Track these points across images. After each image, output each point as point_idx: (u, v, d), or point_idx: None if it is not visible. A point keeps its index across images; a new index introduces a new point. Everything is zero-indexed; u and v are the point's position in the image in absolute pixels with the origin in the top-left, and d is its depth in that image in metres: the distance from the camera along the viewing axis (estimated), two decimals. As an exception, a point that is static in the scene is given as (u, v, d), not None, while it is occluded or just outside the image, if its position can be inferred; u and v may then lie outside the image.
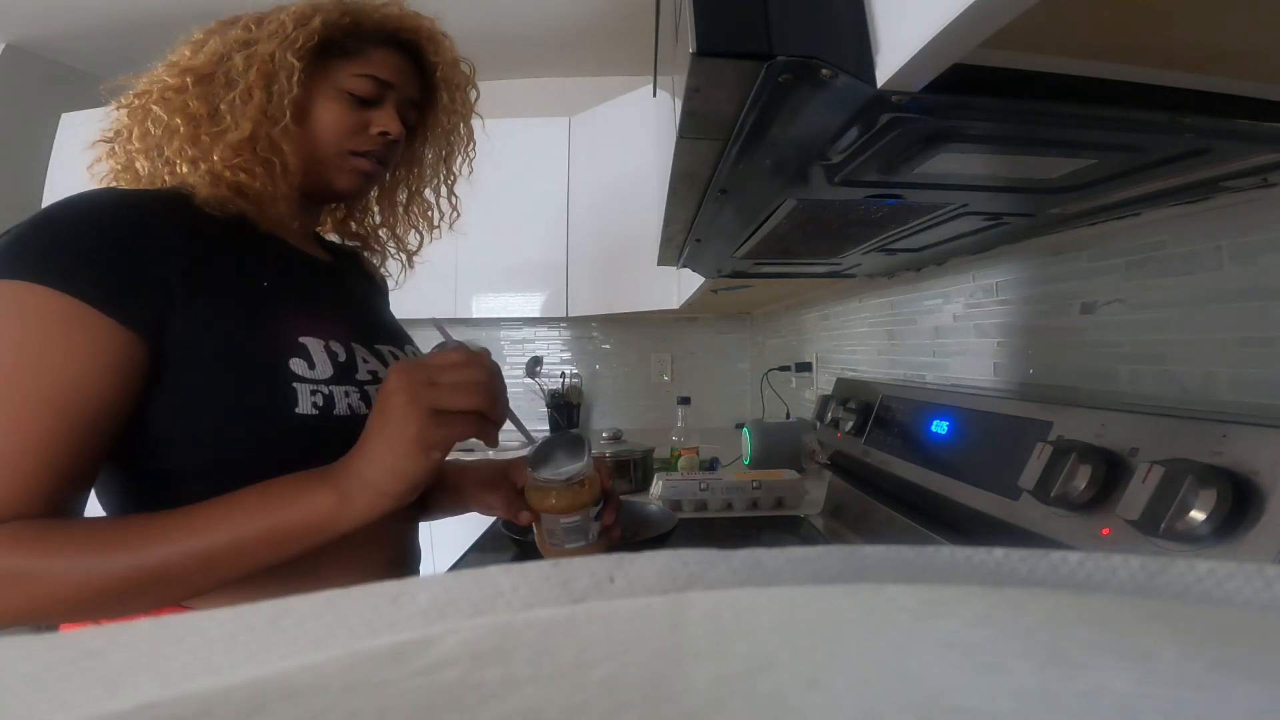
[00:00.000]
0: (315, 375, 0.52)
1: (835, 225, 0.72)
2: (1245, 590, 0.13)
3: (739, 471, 1.30)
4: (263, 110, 0.54)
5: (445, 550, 1.99)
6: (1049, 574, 0.14)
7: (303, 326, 0.53)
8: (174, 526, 0.43)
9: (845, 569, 0.14)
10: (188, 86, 0.54)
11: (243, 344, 0.50)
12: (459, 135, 0.71)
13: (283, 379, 0.50)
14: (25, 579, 0.40)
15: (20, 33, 2.09)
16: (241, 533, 0.43)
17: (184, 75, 0.54)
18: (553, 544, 0.59)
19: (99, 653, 0.12)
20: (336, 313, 0.60)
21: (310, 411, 0.50)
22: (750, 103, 0.38)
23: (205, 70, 0.54)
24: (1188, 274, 0.63)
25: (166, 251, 0.48)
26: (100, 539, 0.42)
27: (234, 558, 0.43)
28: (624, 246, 2.04)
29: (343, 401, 0.53)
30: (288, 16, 0.56)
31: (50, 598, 0.41)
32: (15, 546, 0.41)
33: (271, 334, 0.52)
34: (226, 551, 0.43)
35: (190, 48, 0.57)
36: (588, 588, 0.14)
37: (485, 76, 0.72)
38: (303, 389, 0.51)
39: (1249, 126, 0.40)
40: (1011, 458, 0.63)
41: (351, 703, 0.10)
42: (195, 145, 0.53)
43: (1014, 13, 0.27)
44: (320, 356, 0.53)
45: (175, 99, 0.54)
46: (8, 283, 0.43)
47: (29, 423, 0.42)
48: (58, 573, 0.41)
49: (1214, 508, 0.41)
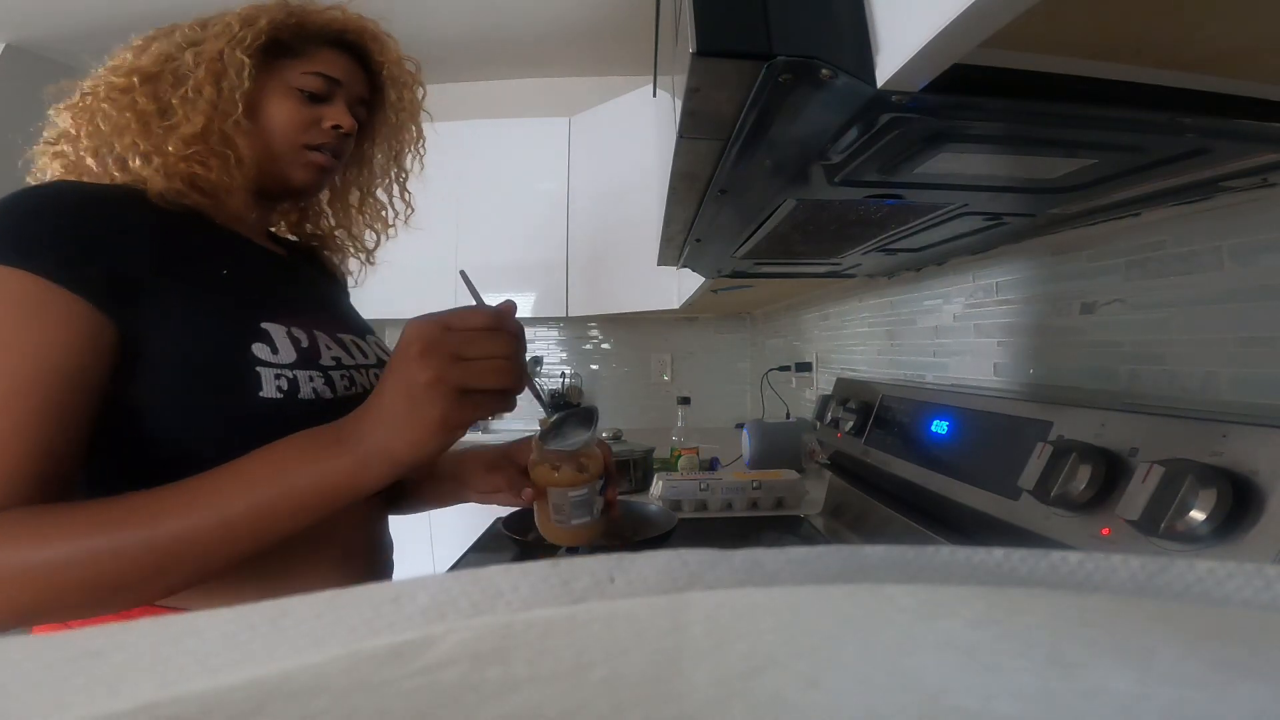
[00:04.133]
0: (278, 360, 0.52)
1: (835, 225, 0.72)
2: (1245, 590, 0.13)
3: (739, 471, 1.30)
4: (214, 105, 0.55)
5: (445, 550, 1.99)
6: (1049, 574, 0.14)
7: (264, 313, 0.53)
8: (186, 498, 0.42)
9: (845, 569, 0.14)
10: (135, 85, 0.54)
11: (205, 330, 0.50)
12: (409, 133, 0.72)
13: (246, 363, 0.50)
14: (26, 573, 0.39)
15: (20, 33, 2.09)
16: (260, 498, 0.42)
17: (130, 75, 0.55)
18: (558, 520, 0.59)
19: (99, 653, 0.12)
20: (296, 301, 0.61)
21: (274, 395, 0.50)
22: (750, 103, 0.38)
23: (152, 70, 0.55)
24: (1188, 274, 0.63)
25: (129, 237, 0.48)
26: (103, 519, 0.41)
27: (252, 525, 0.42)
28: (624, 246, 2.04)
29: (307, 386, 0.53)
30: (234, 18, 0.57)
31: (56, 589, 0.39)
32: (8, 539, 0.39)
33: (233, 320, 0.52)
34: (244, 519, 0.42)
35: (133, 52, 0.57)
36: (588, 588, 0.14)
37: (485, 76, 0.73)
38: (266, 373, 0.50)
39: (1249, 126, 0.40)
40: (1011, 458, 0.63)
41: (351, 703, 0.10)
42: (148, 139, 0.54)
43: (1014, 13, 0.27)
44: (283, 342, 0.53)
45: (123, 98, 0.54)
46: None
47: (11, 403, 0.41)
48: (61, 561, 0.39)
49: (1214, 508, 0.41)
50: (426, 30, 2.15)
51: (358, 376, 0.59)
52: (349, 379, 0.58)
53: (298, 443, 0.45)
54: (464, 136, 2.28)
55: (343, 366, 0.58)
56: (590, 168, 2.21)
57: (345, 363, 0.58)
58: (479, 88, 2.55)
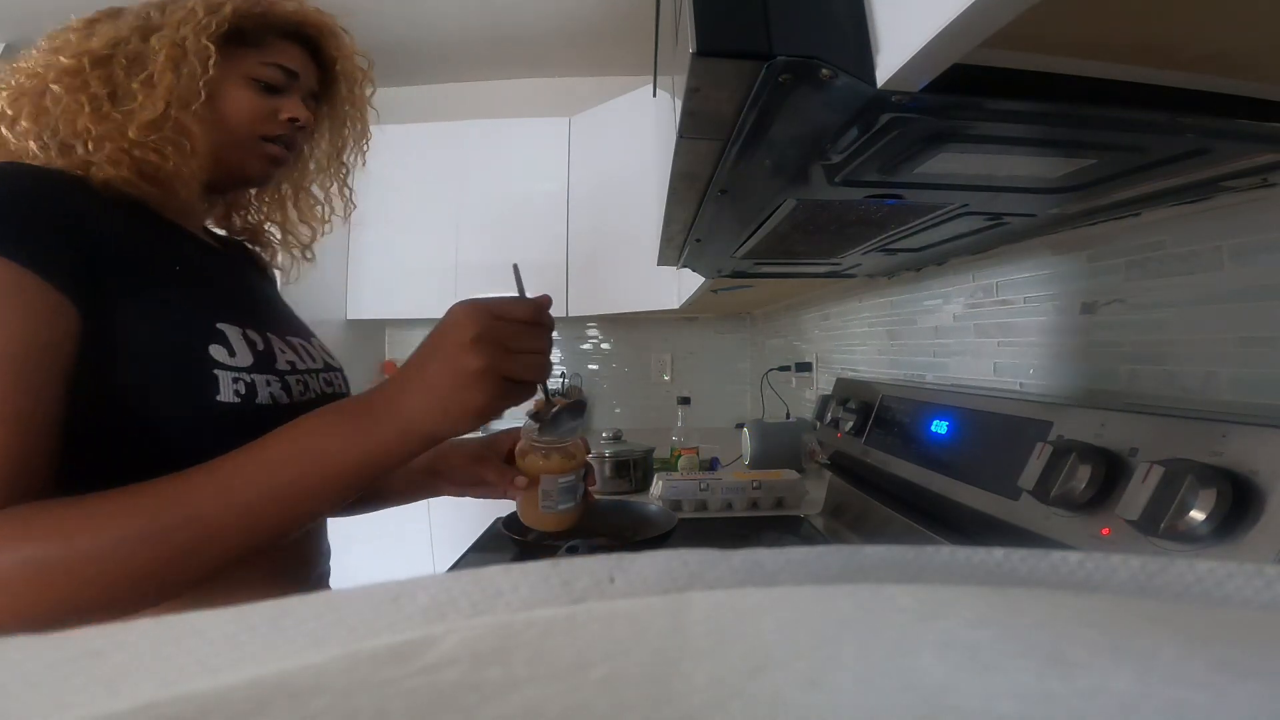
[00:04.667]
0: (236, 363, 0.50)
1: (835, 225, 0.72)
2: (1245, 590, 0.13)
3: (739, 471, 1.30)
4: (174, 91, 0.53)
5: (445, 550, 1.99)
6: (1049, 574, 0.14)
7: (218, 313, 0.52)
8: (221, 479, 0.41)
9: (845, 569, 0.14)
10: (86, 68, 0.52)
11: (161, 329, 0.48)
12: (354, 129, 0.71)
13: (204, 365, 0.49)
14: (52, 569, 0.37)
15: (20, 33, 2.09)
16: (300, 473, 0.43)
17: (80, 57, 0.52)
18: (545, 507, 0.61)
19: (99, 653, 0.12)
20: (246, 302, 0.60)
21: (233, 400, 0.49)
22: (750, 103, 0.38)
23: (103, 52, 0.52)
24: (1188, 274, 0.63)
25: (86, 224, 0.47)
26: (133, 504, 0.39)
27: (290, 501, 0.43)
28: (624, 246, 2.04)
29: (264, 390, 0.52)
30: (197, 3, 0.55)
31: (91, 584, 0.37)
32: (29, 534, 0.37)
33: (188, 319, 0.50)
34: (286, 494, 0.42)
35: (76, 33, 0.54)
36: (588, 588, 0.14)
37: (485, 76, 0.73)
38: (224, 376, 0.49)
39: (1249, 126, 0.40)
40: (1011, 458, 0.63)
41: (351, 703, 0.10)
42: (100, 124, 0.51)
43: (1014, 13, 0.27)
44: (239, 344, 0.52)
45: (72, 80, 0.51)
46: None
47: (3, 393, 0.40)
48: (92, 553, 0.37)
49: (1214, 508, 0.41)
50: (427, 30, 2.15)
51: (311, 381, 0.59)
52: (304, 384, 0.57)
53: (329, 419, 0.45)
54: (464, 136, 2.28)
55: (297, 371, 0.57)
56: (590, 168, 2.21)
57: (299, 367, 0.58)
58: (479, 88, 2.55)
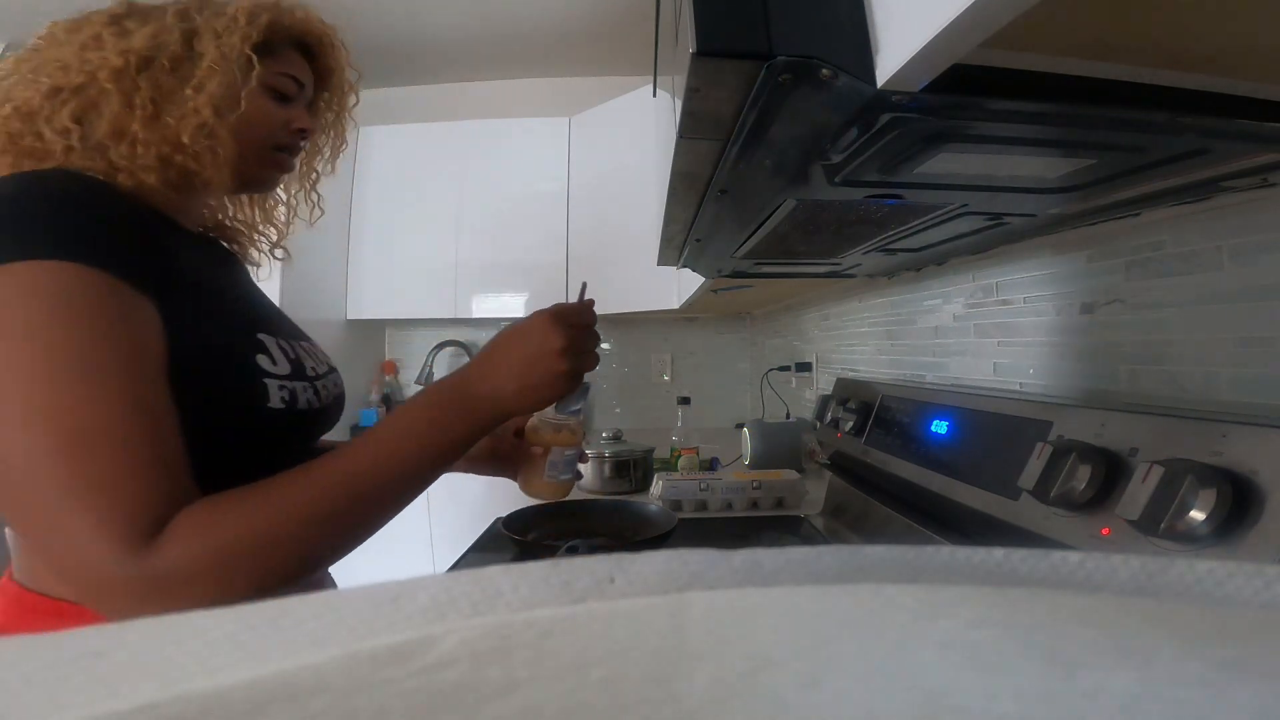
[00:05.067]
0: (278, 371, 0.54)
1: (835, 225, 0.72)
2: (1245, 590, 0.13)
3: (739, 471, 1.30)
4: (222, 100, 0.53)
5: (445, 550, 1.99)
6: (1049, 574, 0.14)
7: (254, 323, 0.55)
8: (369, 458, 0.48)
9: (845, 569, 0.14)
10: (132, 69, 0.51)
11: (213, 338, 0.50)
12: (332, 138, 0.72)
13: (255, 375, 0.51)
14: (243, 555, 0.41)
15: (20, 33, 2.09)
16: (431, 449, 0.51)
17: (125, 56, 0.51)
18: (550, 476, 0.70)
19: (99, 653, 0.12)
20: (266, 309, 0.63)
21: (280, 406, 0.52)
22: (750, 103, 0.38)
23: (146, 53, 0.51)
24: (1188, 274, 0.63)
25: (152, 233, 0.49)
26: (305, 491, 0.45)
27: (424, 475, 0.51)
28: (624, 246, 2.04)
29: (303, 396, 0.55)
30: (239, 10, 0.56)
31: (276, 566, 0.42)
32: (217, 526, 0.41)
33: (233, 329, 0.53)
34: (424, 468, 0.51)
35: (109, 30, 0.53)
36: (588, 588, 0.14)
37: (485, 76, 0.74)
38: (272, 384, 0.52)
39: (1249, 126, 0.40)
40: (1011, 458, 0.63)
41: (351, 703, 0.10)
42: (153, 129, 0.51)
43: (1014, 13, 0.27)
44: (277, 353, 0.55)
45: (121, 81, 0.50)
46: (31, 264, 0.40)
47: (153, 390, 0.43)
48: (280, 537, 0.43)
49: (1214, 508, 0.41)
50: (428, 30, 2.15)
51: (327, 385, 0.62)
52: (325, 388, 0.61)
53: (444, 399, 0.53)
54: (464, 136, 2.28)
55: (319, 376, 0.60)
56: (590, 168, 2.20)
57: (319, 372, 0.61)
58: (479, 88, 2.55)
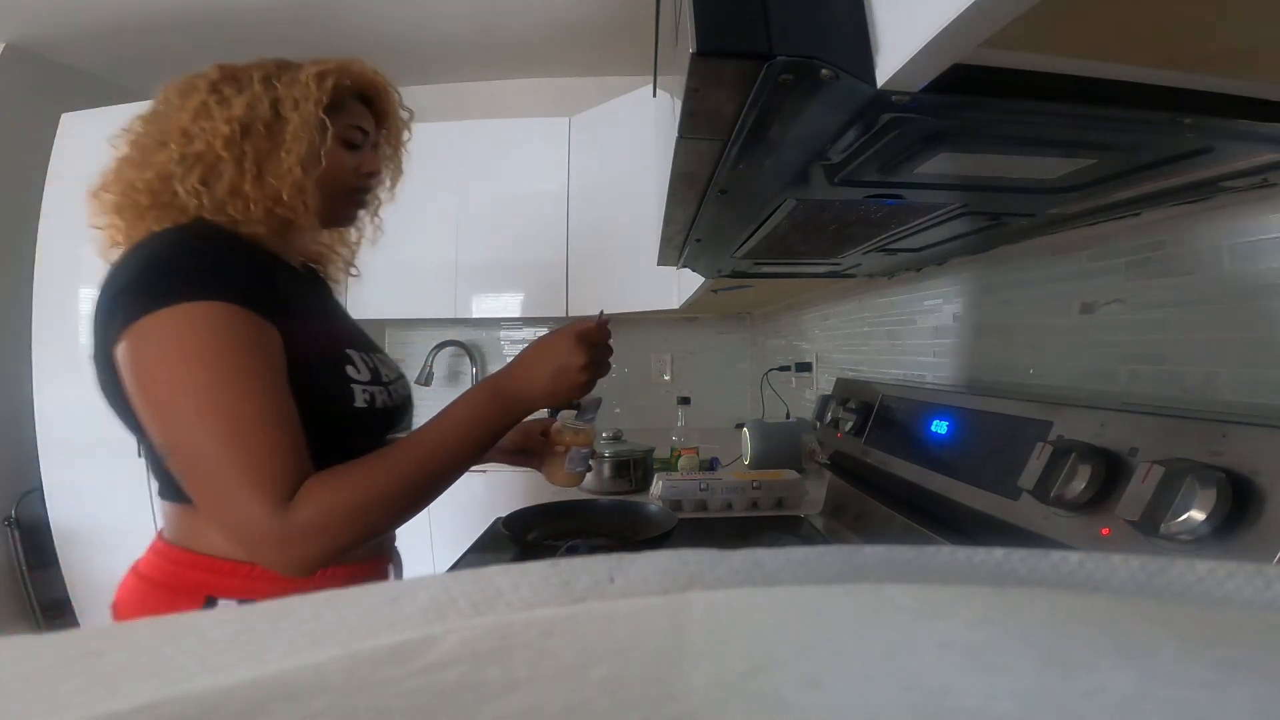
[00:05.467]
0: (362, 378, 0.67)
1: (835, 225, 0.72)
2: (1245, 590, 0.13)
3: (739, 471, 1.30)
4: (308, 159, 0.66)
5: (445, 550, 1.99)
6: (1049, 574, 0.14)
7: (342, 340, 0.70)
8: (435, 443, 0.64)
9: (845, 569, 0.14)
10: (238, 136, 0.64)
11: (315, 352, 0.64)
12: (392, 169, 0.83)
13: (344, 381, 0.66)
14: (362, 507, 0.58)
15: (20, 33, 2.09)
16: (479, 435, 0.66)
17: (231, 124, 0.63)
18: (569, 468, 0.88)
19: (99, 653, 0.12)
20: (350, 327, 0.77)
21: (363, 405, 0.66)
22: (750, 103, 0.38)
23: (245, 120, 0.64)
24: (1188, 274, 0.63)
25: (269, 272, 0.63)
26: (400, 463, 0.61)
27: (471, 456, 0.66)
28: (624, 246, 2.04)
29: (379, 398, 0.69)
30: (309, 77, 0.67)
31: (385, 514, 0.60)
32: (342, 487, 0.57)
33: (328, 345, 0.67)
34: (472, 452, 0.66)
35: (214, 99, 0.65)
36: (588, 588, 0.14)
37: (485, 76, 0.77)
38: (358, 389, 0.66)
39: (1249, 126, 0.40)
40: (1011, 458, 0.63)
41: (351, 703, 0.10)
42: (261, 189, 0.64)
43: (1014, 13, 0.27)
44: (361, 365, 0.68)
45: (232, 148, 0.63)
46: (198, 305, 0.55)
47: (286, 398, 0.58)
48: (386, 494, 0.59)
49: (1214, 508, 0.41)
50: (427, 30, 2.15)
51: (398, 388, 0.76)
52: (397, 391, 0.74)
53: (487, 398, 0.67)
54: (464, 136, 2.28)
55: (391, 382, 0.74)
56: (590, 168, 2.20)
57: (390, 378, 0.74)
58: (479, 88, 2.55)
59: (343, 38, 2.13)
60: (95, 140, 0.72)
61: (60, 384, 1.98)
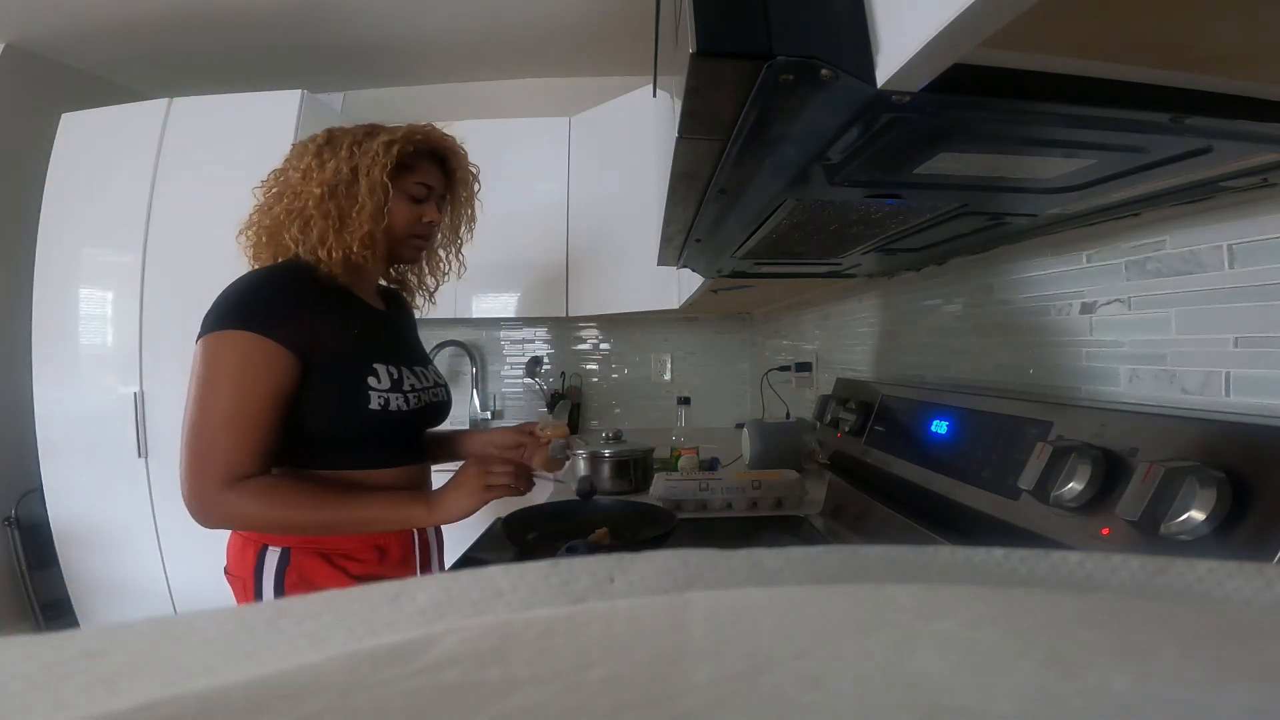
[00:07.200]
0: (380, 386, 0.86)
1: (835, 225, 0.72)
2: (1245, 590, 0.13)
3: (739, 471, 1.30)
4: (373, 215, 0.85)
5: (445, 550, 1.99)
6: (1049, 574, 0.14)
7: (374, 356, 0.88)
8: (345, 504, 0.83)
9: (845, 569, 0.14)
10: (325, 196, 0.85)
11: (343, 367, 0.85)
12: (466, 215, 1.03)
13: (363, 388, 0.85)
14: (266, 523, 0.81)
15: (20, 33, 2.08)
16: (375, 516, 0.85)
17: (322, 186, 0.85)
18: (551, 454, 1.04)
19: (99, 653, 0.12)
20: (392, 346, 0.95)
21: (376, 408, 0.85)
22: (750, 103, 0.38)
23: (331, 182, 0.85)
24: (1188, 274, 0.63)
25: (308, 303, 0.83)
26: (310, 503, 0.80)
27: (363, 527, 0.85)
28: (624, 246, 2.04)
29: (395, 403, 0.87)
30: (379, 146, 0.86)
31: (283, 531, 0.83)
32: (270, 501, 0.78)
33: (355, 359, 0.86)
34: (364, 523, 0.84)
35: (315, 161, 0.87)
36: (588, 588, 0.14)
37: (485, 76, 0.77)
38: (374, 394, 0.85)
39: (1249, 126, 0.40)
40: (1011, 458, 0.63)
41: (351, 703, 0.10)
42: (340, 238, 0.85)
43: (1014, 13, 0.27)
44: (383, 375, 0.87)
45: (321, 205, 0.85)
46: (227, 333, 0.78)
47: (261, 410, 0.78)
48: (285, 522, 0.80)
49: (1214, 508, 0.41)
50: (427, 30, 2.15)
51: (424, 395, 0.93)
52: (420, 397, 0.92)
53: (398, 503, 0.86)
54: (464, 136, 2.27)
55: (416, 390, 0.91)
56: (590, 168, 2.20)
57: (417, 386, 0.92)
58: (479, 88, 2.55)
59: (343, 38, 2.13)
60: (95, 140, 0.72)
61: (60, 384, 1.98)
